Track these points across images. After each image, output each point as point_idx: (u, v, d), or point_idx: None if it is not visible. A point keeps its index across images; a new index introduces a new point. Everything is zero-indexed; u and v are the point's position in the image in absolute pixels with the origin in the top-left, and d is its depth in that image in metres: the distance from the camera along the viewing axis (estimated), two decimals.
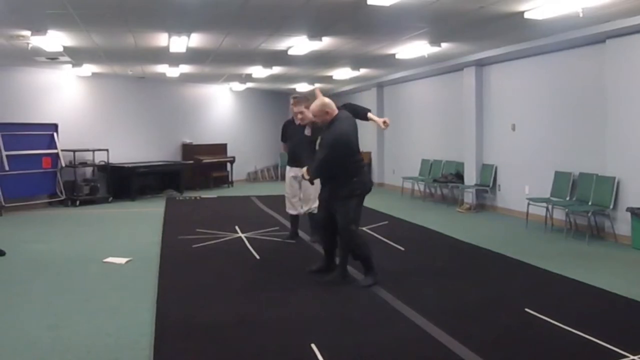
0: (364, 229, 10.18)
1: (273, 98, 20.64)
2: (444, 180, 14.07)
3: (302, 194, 9.05)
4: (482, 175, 13.08)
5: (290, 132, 9.24)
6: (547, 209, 10.39)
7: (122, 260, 8.07)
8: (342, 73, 15.39)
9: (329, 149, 6.65)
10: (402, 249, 8.73)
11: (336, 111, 6.85)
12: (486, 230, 10.53)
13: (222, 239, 9.44)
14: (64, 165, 14.16)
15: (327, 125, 6.81)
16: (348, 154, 6.71)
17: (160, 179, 16.63)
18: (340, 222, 6.72)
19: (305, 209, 9.09)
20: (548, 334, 5.04)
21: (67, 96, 15.06)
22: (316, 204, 8.99)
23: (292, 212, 9.24)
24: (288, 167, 9.27)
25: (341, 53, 11.93)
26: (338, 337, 5.00)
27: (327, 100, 6.87)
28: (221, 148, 19.16)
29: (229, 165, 19.21)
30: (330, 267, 7.16)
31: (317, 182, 8.92)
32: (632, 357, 4.46)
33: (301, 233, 9.48)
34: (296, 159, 9.01)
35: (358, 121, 7.04)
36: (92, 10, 8.02)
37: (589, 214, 9.47)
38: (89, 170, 15.22)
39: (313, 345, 4.72)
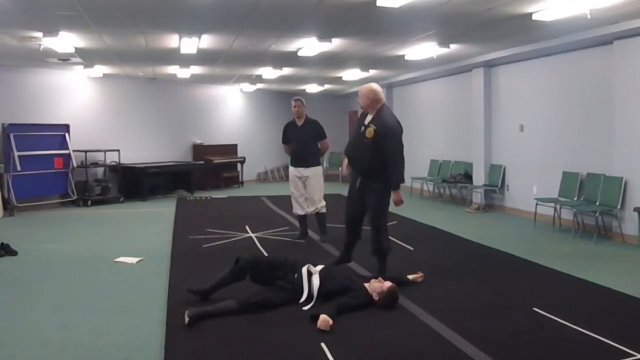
0: None
1: (283, 99, 20.63)
2: (452, 180, 14.10)
3: (307, 193, 9.14)
4: (491, 176, 13.11)
5: (293, 133, 9.36)
6: (555, 209, 10.43)
7: (133, 260, 8.13)
8: (351, 74, 15.42)
9: (398, 137, 7.08)
10: (411, 248, 8.76)
11: (384, 100, 6.98)
12: (494, 230, 10.56)
13: (232, 239, 9.49)
14: (75, 165, 14.25)
15: (377, 114, 6.91)
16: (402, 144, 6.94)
17: (171, 179, 16.68)
18: (371, 215, 6.90)
19: (311, 209, 9.15)
20: (556, 333, 5.08)
21: (78, 97, 15.15)
22: (322, 203, 9.11)
23: (299, 212, 9.32)
24: (292, 168, 9.37)
25: (351, 54, 11.98)
26: (347, 336, 5.03)
27: (377, 85, 6.97)
28: (231, 148, 19.22)
29: (239, 165, 19.26)
30: (347, 259, 7.32)
31: (322, 182, 9.09)
32: (639, 356, 4.51)
33: (311, 233, 9.53)
34: (300, 159, 9.16)
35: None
36: (104, 11, 8.09)
37: (597, 214, 9.50)
38: (100, 171, 15.33)
39: (323, 344, 4.76)
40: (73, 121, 14.43)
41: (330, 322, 5.19)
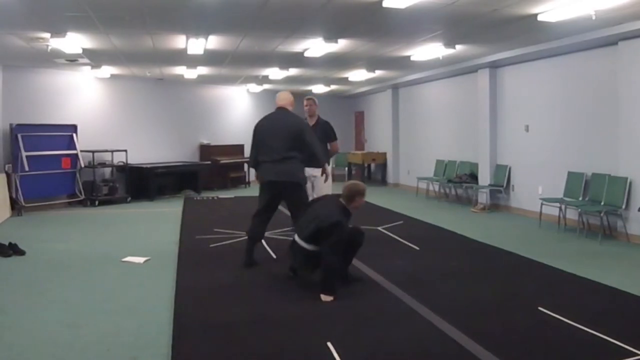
0: (379, 228, 10.28)
1: None
2: (458, 180, 14.13)
3: (315, 194, 9.14)
4: (496, 176, 13.12)
5: None
6: (560, 209, 10.45)
7: (140, 260, 8.18)
8: (357, 75, 15.47)
9: None
10: (417, 248, 8.79)
11: (279, 105, 7.68)
12: (500, 230, 10.58)
13: (239, 239, 9.49)
14: (83, 165, 14.30)
15: None
16: (254, 145, 7.72)
17: (178, 179, 16.74)
18: None
19: None
20: (561, 332, 5.10)
21: (86, 97, 15.21)
22: None
23: None
24: None
25: (357, 55, 12.02)
26: (354, 335, 5.07)
27: (280, 93, 7.85)
28: (238, 149, 19.23)
29: (246, 165, 19.24)
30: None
31: (330, 182, 9.16)
32: None
33: None
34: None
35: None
36: (111, 12, 8.14)
37: (602, 214, 9.51)
38: (107, 171, 15.39)
39: (329, 344, 4.79)
40: (81, 121, 14.49)
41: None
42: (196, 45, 10.42)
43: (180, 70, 14.60)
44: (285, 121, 7.54)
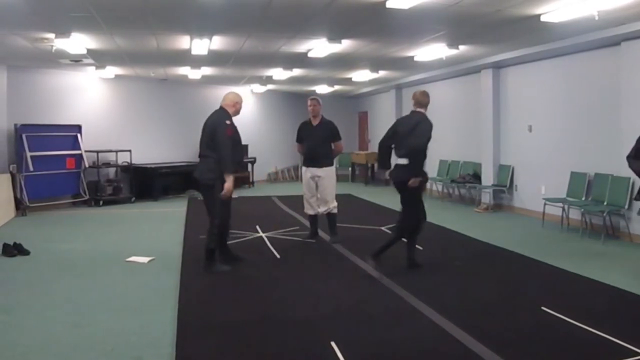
0: (383, 228, 10.30)
1: (293, 99, 20.71)
2: (461, 180, 14.13)
3: (319, 194, 9.12)
4: (499, 176, 13.14)
5: (307, 133, 9.33)
6: (563, 209, 10.45)
7: (144, 260, 8.21)
8: (361, 75, 15.48)
9: None
10: (421, 248, 8.76)
11: (220, 104, 7.95)
12: (503, 230, 10.58)
13: (243, 239, 9.55)
14: (87, 165, 14.34)
15: None
16: None
17: (183, 179, 16.63)
18: None
19: (323, 209, 9.15)
20: (564, 331, 5.11)
21: (90, 98, 15.25)
22: (334, 204, 9.11)
23: (310, 212, 9.33)
24: (304, 168, 9.32)
25: (360, 55, 12.03)
26: (357, 334, 5.09)
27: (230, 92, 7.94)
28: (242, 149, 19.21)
29: (249, 165, 19.31)
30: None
31: (334, 183, 9.13)
32: None
33: (321, 233, 9.57)
34: (312, 159, 9.12)
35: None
36: (116, 13, 8.17)
37: (605, 214, 9.51)
38: (112, 171, 15.44)
39: (333, 343, 4.80)
40: (85, 122, 14.52)
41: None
42: (200, 46, 10.45)
43: (184, 70, 14.63)
44: (209, 120, 7.86)
